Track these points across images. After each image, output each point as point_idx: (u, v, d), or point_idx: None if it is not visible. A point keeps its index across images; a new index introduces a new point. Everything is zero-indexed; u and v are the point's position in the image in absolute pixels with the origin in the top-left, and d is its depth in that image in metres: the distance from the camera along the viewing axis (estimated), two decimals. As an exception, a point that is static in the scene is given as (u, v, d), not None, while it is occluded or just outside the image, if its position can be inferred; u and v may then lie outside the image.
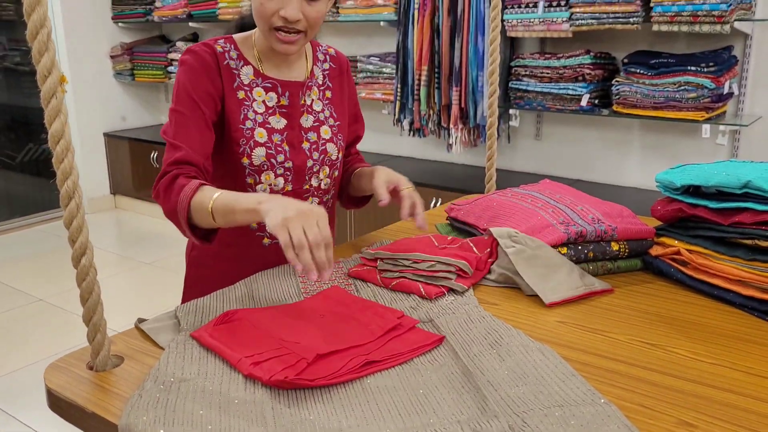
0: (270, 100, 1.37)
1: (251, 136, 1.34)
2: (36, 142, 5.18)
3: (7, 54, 5.08)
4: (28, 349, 3.05)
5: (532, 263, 1.26)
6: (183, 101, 1.29)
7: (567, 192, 1.55)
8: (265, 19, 1.27)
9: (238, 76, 1.35)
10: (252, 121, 1.34)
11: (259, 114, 1.35)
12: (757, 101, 2.91)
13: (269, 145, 1.35)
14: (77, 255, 0.96)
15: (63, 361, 1.03)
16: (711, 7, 2.58)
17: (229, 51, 1.36)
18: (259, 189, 1.37)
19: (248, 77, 1.36)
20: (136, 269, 3.97)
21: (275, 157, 1.35)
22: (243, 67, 1.36)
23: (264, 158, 1.34)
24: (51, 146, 0.93)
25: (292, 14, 1.25)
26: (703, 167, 1.33)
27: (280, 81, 1.38)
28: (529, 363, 0.98)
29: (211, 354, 1.01)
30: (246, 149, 1.33)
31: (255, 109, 1.35)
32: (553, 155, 3.52)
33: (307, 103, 1.42)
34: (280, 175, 1.37)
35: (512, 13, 3.12)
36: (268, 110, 1.37)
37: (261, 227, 1.41)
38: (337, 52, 1.53)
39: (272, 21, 1.27)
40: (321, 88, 1.46)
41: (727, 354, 1.04)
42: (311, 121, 1.42)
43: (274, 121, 1.37)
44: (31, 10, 0.89)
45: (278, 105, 1.38)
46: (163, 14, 4.78)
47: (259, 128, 1.35)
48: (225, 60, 1.34)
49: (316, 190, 1.44)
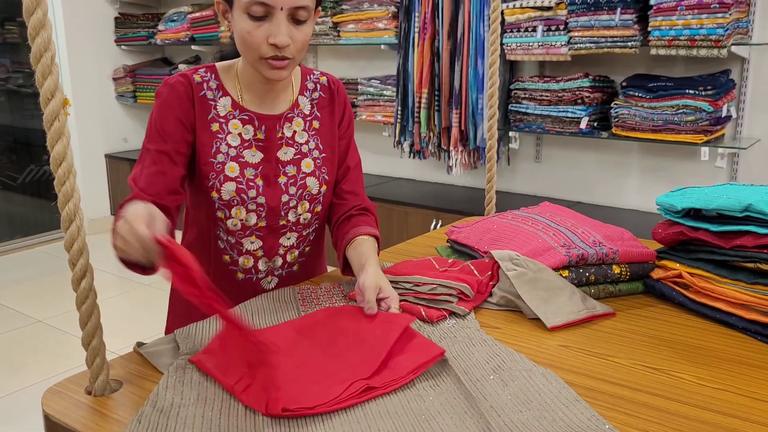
0: (246, 132, 1.32)
1: (221, 170, 1.29)
2: (38, 164, 5.19)
3: (10, 76, 5.12)
4: (27, 371, 3.03)
5: (533, 286, 1.26)
6: (152, 137, 1.27)
7: (567, 214, 1.55)
8: (253, 48, 1.21)
9: (214, 108, 1.30)
10: (224, 154, 1.30)
11: (233, 147, 1.30)
12: (755, 124, 2.93)
13: (240, 180, 1.30)
14: (77, 278, 0.96)
15: (61, 386, 1.02)
16: (708, 32, 2.60)
17: (208, 81, 1.31)
18: (230, 224, 1.32)
19: (225, 108, 1.31)
20: (136, 291, 3.95)
21: (246, 192, 1.30)
22: (221, 98, 1.31)
23: (234, 193, 1.29)
24: (53, 168, 0.93)
25: (282, 40, 1.18)
26: (704, 190, 1.33)
27: (257, 114, 1.33)
28: (532, 388, 0.97)
29: (210, 378, 1.00)
30: (215, 183, 1.29)
31: (229, 142, 1.30)
32: (553, 177, 3.53)
33: (286, 135, 1.35)
34: (251, 211, 1.32)
35: (512, 36, 3.15)
36: (243, 143, 1.31)
37: (234, 261, 1.37)
38: (331, 80, 1.45)
39: (261, 50, 1.20)
40: (308, 118, 1.39)
41: (732, 379, 1.03)
42: (291, 154, 1.36)
43: (248, 155, 1.31)
44: (35, 34, 0.89)
45: (254, 138, 1.33)
46: (165, 37, 4.82)
47: (230, 162, 1.30)
48: (201, 91, 1.30)
49: (295, 225, 1.38)
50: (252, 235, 1.35)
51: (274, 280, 1.42)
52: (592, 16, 2.87)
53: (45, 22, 0.89)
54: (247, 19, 1.19)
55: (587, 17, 2.88)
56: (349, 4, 3.79)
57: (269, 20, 1.19)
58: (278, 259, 1.40)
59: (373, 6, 3.69)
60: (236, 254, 1.36)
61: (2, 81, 5.09)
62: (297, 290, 1.36)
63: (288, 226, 1.37)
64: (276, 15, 1.18)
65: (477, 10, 3.28)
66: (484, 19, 3.27)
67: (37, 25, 0.89)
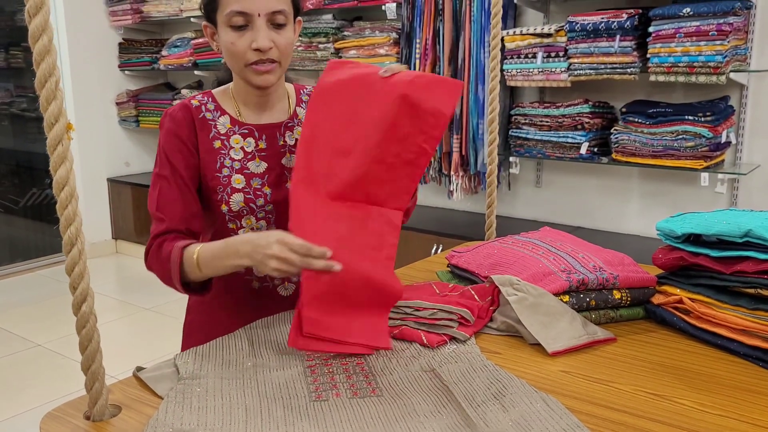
0: (248, 145, 1.38)
1: (228, 183, 1.35)
2: (40, 187, 5.20)
3: (14, 100, 5.16)
4: (26, 395, 3.01)
5: (534, 311, 1.25)
6: (163, 165, 1.34)
7: (568, 240, 1.56)
8: (238, 57, 1.28)
9: (214, 127, 1.37)
10: (229, 168, 1.36)
11: (237, 161, 1.37)
12: (755, 150, 2.94)
13: (247, 190, 1.36)
14: (78, 302, 0.96)
15: (60, 411, 1.01)
16: (707, 59, 2.63)
17: (206, 104, 1.38)
18: (242, 233, 1.37)
19: (225, 126, 1.38)
20: (136, 315, 3.94)
21: (254, 201, 1.36)
22: (220, 117, 1.38)
23: (243, 203, 1.36)
24: (55, 192, 0.94)
25: (263, 43, 1.26)
26: (704, 216, 1.33)
27: (256, 126, 1.39)
28: (533, 414, 0.96)
29: (211, 404, 1.00)
30: (224, 196, 1.35)
31: (232, 156, 1.37)
32: (554, 202, 3.53)
33: (288, 143, 1.42)
34: (261, 218, 1.38)
35: (512, 63, 3.18)
36: (246, 156, 1.38)
37: (248, 271, 1.40)
38: None
39: (246, 57, 1.28)
40: None
41: (734, 405, 1.02)
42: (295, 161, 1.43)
43: (253, 166, 1.38)
44: (40, 59, 0.90)
45: (257, 149, 1.39)
46: (169, 62, 4.86)
47: (236, 174, 1.36)
48: (201, 113, 1.37)
49: None
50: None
51: (291, 286, 1.45)
52: (591, 42, 2.90)
53: (50, 48, 0.90)
54: (230, 31, 1.28)
55: (587, 44, 2.91)
56: (351, 30, 3.84)
57: (250, 29, 1.27)
58: None
59: (375, 33, 3.73)
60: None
61: (6, 105, 5.13)
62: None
63: None
64: (255, 22, 1.26)
65: (477, 37, 3.32)
66: (484, 45, 3.30)
67: (42, 50, 0.90)
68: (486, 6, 3.28)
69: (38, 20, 0.89)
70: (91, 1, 4.95)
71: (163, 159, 1.34)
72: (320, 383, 1.08)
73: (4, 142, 5.19)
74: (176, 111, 1.37)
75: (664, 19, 2.70)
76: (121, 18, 4.98)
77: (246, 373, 1.11)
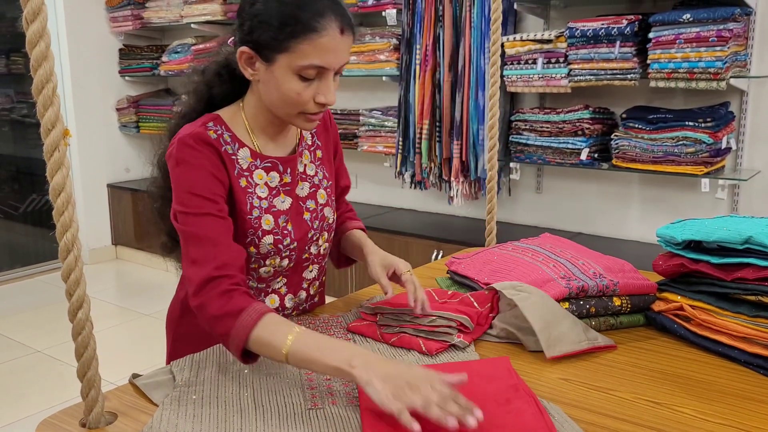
0: (272, 180, 1.28)
1: (259, 226, 1.25)
2: (39, 193, 5.20)
3: (14, 106, 5.16)
4: (24, 401, 3.00)
5: (539, 308, 1.24)
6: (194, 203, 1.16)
7: (568, 246, 1.55)
8: (298, 105, 1.18)
9: (236, 162, 1.24)
10: (258, 209, 1.26)
11: (264, 199, 1.27)
12: (755, 156, 2.93)
13: (276, 231, 1.27)
14: (74, 308, 0.95)
15: (55, 418, 1.01)
16: (707, 65, 2.63)
17: (222, 135, 1.23)
18: (263, 272, 1.30)
19: (246, 161, 1.25)
20: (135, 321, 3.93)
21: (282, 242, 1.28)
22: (239, 150, 1.25)
23: (271, 245, 1.27)
24: (52, 198, 0.93)
25: (333, 100, 1.18)
26: (704, 222, 1.33)
27: (279, 159, 1.30)
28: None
29: (206, 411, 0.99)
30: (254, 239, 1.25)
31: (258, 194, 1.26)
32: (554, 208, 3.53)
33: (299, 171, 1.34)
34: (285, 257, 1.30)
35: (512, 69, 3.18)
36: (271, 192, 1.28)
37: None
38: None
39: (307, 107, 1.18)
40: (311, 149, 1.38)
41: (734, 413, 1.01)
42: (307, 189, 1.34)
43: (278, 203, 1.29)
44: (38, 66, 0.90)
45: (281, 184, 1.30)
46: (169, 68, 4.87)
47: (265, 215, 1.26)
48: (222, 146, 1.22)
49: (316, 257, 1.38)
50: (279, 276, 1.34)
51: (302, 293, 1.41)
52: (591, 48, 2.90)
53: (47, 54, 0.90)
54: (296, 80, 1.16)
55: (587, 50, 2.91)
56: (351, 36, 3.84)
57: (318, 80, 1.17)
58: (302, 293, 1.40)
59: (375, 39, 3.73)
60: (263, 296, 1.34)
61: (6, 111, 5.13)
62: (296, 321, 1.36)
63: (310, 259, 1.37)
64: (326, 75, 1.17)
65: (477, 43, 3.32)
66: (484, 51, 3.30)
67: (39, 57, 0.90)
68: (486, 12, 3.28)
69: (36, 26, 0.89)
70: (91, 7, 4.96)
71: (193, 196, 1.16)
72: (317, 391, 1.07)
73: (5, 147, 5.19)
74: (197, 142, 1.19)
75: (664, 25, 2.70)
76: (122, 24, 4.99)
77: (242, 381, 1.10)
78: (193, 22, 4.56)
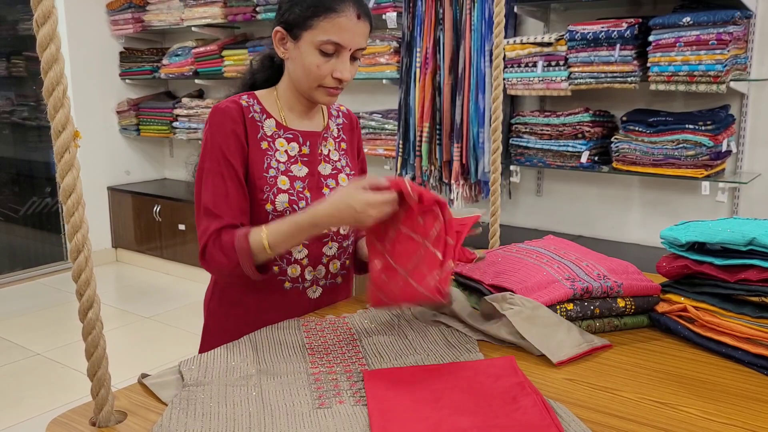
0: (292, 149, 1.44)
1: (274, 183, 1.39)
2: (40, 196, 5.20)
3: (15, 109, 5.17)
4: (24, 405, 3.00)
5: (532, 323, 1.25)
6: (216, 159, 1.36)
7: (572, 248, 1.56)
8: (317, 78, 1.36)
9: (261, 128, 1.42)
10: (275, 169, 1.40)
11: (282, 163, 1.42)
12: (755, 159, 2.95)
13: (291, 192, 1.41)
14: (84, 308, 0.96)
15: (66, 417, 1.01)
16: (707, 68, 2.64)
17: (252, 105, 1.42)
18: None
19: (271, 129, 1.43)
20: (136, 323, 3.93)
21: (297, 203, 1.40)
22: (266, 120, 1.43)
23: (287, 204, 1.39)
24: (62, 200, 0.94)
25: (347, 76, 1.37)
26: (708, 224, 1.33)
27: (301, 132, 1.45)
28: (538, 421, 0.96)
29: (215, 410, 1.00)
30: (269, 195, 1.39)
31: (278, 158, 1.41)
32: (554, 211, 3.54)
33: (323, 152, 1.49)
34: None
35: (512, 72, 3.19)
36: (290, 159, 1.43)
37: (282, 272, 1.42)
38: (348, 110, 1.61)
39: (325, 81, 1.37)
40: (337, 140, 1.53)
41: (738, 413, 1.02)
42: (329, 170, 1.48)
43: (296, 169, 1.43)
44: (48, 68, 0.91)
45: (300, 154, 1.45)
46: (169, 71, 4.88)
47: (281, 176, 1.41)
48: (250, 113, 1.41)
49: (336, 234, 1.48)
50: (299, 244, 1.42)
51: (319, 290, 1.48)
52: (591, 51, 2.91)
53: (58, 57, 0.91)
54: (317, 54, 1.35)
55: (587, 53, 2.93)
56: (352, 39, 3.85)
57: (335, 57, 1.36)
58: (322, 269, 1.48)
59: (375, 41, 3.74)
60: (285, 263, 1.43)
61: (7, 114, 5.14)
62: (302, 322, 1.36)
63: (330, 235, 1.47)
64: (343, 53, 1.36)
65: (478, 46, 3.33)
66: (484, 54, 3.32)
67: (50, 59, 0.91)
68: (486, 15, 3.29)
69: (46, 29, 0.90)
70: (92, 10, 4.97)
71: (216, 153, 1.36)
72: (324, 390, 1.08)
73: (5, 150, 5.19)
74: (227, 107, 1.39)
75: (665, 28, 2.72)
76: (123, 27, 5.00)
77: (250, 381, 1.11)
78: (194, 25, 4.57)
